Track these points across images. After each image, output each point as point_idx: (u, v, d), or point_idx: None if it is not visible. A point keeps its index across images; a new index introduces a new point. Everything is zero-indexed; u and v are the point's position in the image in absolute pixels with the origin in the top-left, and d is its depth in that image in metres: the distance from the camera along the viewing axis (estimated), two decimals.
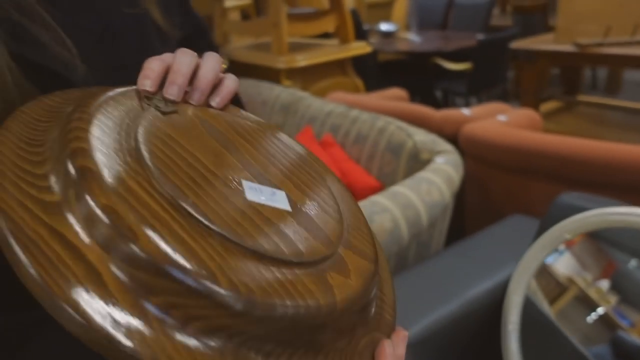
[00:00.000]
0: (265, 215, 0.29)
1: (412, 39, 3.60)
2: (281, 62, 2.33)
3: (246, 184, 0.31)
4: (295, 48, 2.51)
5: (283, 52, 2.36)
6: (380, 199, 1.15)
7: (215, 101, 0.36)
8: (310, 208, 0.33)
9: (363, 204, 1.14)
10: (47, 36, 0.34)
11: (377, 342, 0.32)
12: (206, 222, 0.26)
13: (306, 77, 2.43)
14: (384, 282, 0.36)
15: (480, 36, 3.05)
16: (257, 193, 0.30)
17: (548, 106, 2.88)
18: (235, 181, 0.30)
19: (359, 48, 2.61)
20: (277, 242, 0.28)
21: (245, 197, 0.29)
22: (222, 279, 0.24)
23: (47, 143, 0.28)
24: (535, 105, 2.65)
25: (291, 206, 0.31)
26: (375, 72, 3.18)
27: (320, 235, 0.31)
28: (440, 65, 3.25)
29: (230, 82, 0.37)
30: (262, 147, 0.35)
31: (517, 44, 2.73)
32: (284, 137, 0.39)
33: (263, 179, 0.32)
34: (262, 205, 0.30)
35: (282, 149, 0.37)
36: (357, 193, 1.41)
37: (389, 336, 0.34)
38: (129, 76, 0.38)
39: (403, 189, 1.18)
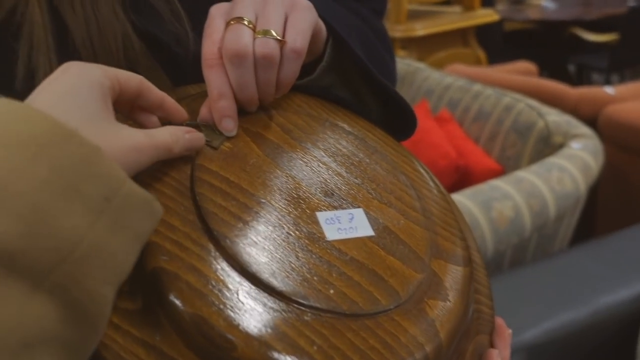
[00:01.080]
0: (352, 257, 0.27)
1: (546, 5, 3.25)
2: (398, 31, 2.23)
3: (321, 217, 0.28)
4: (414, 16, 2.39)
5: (401, 20, 2.26)
6: (501, 184, 1.07)
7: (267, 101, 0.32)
8: (392, 219, 0.30)
9: (481, 188, 1.06)
10: (165, 7, 0.33)
11: (481, 346, 0.31)
12: (299, 300, 0.25)
13: (423, 47, 2.31)
14: (478, 269, 0.34)
15: (632, 2, 2.64)
16: (334, 224, 0.28)
17: None
18: (311, 219, 0.28)
19: (485, 16, 2.41)
20: (371, 292, 0.26)
21: (326, 237, 0.28)
22: None
23: None
24: None
25: (372, 227, 0.29)
26: (499, 43, 2.93)
27: (410, 256, 0.29)
28: (578, 36, 2.89)
29: (289, 71, 0.31)
30: (323, 147, 0.32)
31: None
32: (340, 123, 0.35)
33: (336, 198, 0.30)
34: (345, 242, 0.28)
35: (343, 143, 0.33)
36: (475, 175, 1.32)
37: (490, 333, 0.33)
38: None
39: (529, 175, 1.09)
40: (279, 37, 0.30)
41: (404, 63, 1.86)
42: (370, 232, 0.29)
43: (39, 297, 0.18)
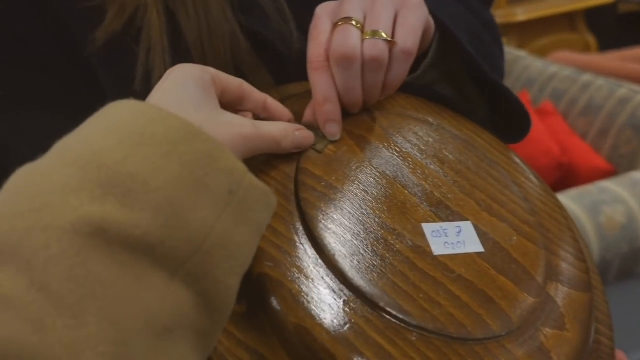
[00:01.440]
0: (459, 274, 0.26)
1: None
2: (496, 17, 2.06)
3: (427, 229, 0.27)
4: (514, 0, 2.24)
5: (500, 4, 2.13)
6: (612, 186, 0.98)
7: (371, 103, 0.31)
8: (504, 235, 0.28)
9: (587, 190, 0.98)
10: (271, 6, 0.33)
11: None
12: (404, 318, 0.24)
13: (524, 33, 2.17)
14: (598, 295, 0.31)
15: None
16: (441, 238, 0.27)
17: None
18: (416, 230, 0.27)
19: None
20: (480, 315, 0.25)
21: (432, 251, 0.26)
22: None
23: None
24: None
25: (482, 243, 0.27)
26: (613, 27, 2.66)
27: (523, 277, 0.27)
28: None
29: (398, 73, 0.30)
30: (429, 153, 0.31)
31: None
32: (447, 126, 0.33)
33: (442, 209, 0.28)
34: (452, 258, 0.26)
35: (450, 149, 0.31)
36: (580, 175, 1.22)
37: None
38: None
39: None
40: (388, 38, 0.29)
41: None
42: (479, 248, 0.27)
43: (176, 285, 0.19)
